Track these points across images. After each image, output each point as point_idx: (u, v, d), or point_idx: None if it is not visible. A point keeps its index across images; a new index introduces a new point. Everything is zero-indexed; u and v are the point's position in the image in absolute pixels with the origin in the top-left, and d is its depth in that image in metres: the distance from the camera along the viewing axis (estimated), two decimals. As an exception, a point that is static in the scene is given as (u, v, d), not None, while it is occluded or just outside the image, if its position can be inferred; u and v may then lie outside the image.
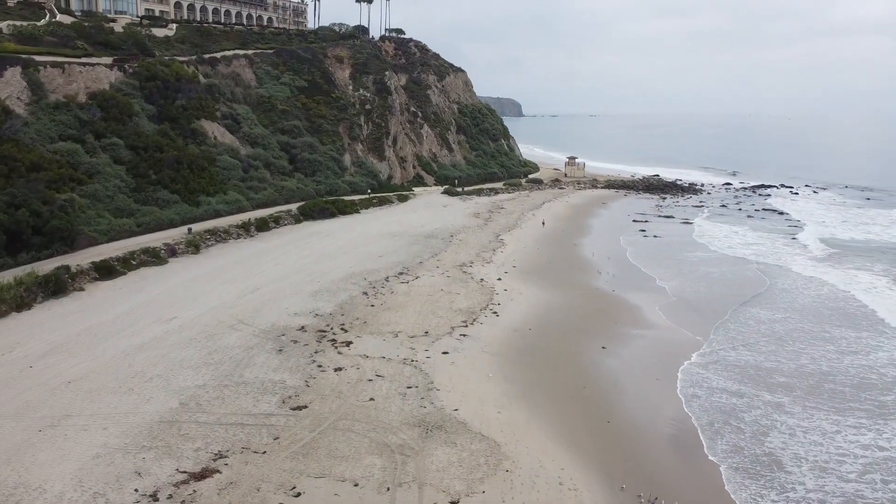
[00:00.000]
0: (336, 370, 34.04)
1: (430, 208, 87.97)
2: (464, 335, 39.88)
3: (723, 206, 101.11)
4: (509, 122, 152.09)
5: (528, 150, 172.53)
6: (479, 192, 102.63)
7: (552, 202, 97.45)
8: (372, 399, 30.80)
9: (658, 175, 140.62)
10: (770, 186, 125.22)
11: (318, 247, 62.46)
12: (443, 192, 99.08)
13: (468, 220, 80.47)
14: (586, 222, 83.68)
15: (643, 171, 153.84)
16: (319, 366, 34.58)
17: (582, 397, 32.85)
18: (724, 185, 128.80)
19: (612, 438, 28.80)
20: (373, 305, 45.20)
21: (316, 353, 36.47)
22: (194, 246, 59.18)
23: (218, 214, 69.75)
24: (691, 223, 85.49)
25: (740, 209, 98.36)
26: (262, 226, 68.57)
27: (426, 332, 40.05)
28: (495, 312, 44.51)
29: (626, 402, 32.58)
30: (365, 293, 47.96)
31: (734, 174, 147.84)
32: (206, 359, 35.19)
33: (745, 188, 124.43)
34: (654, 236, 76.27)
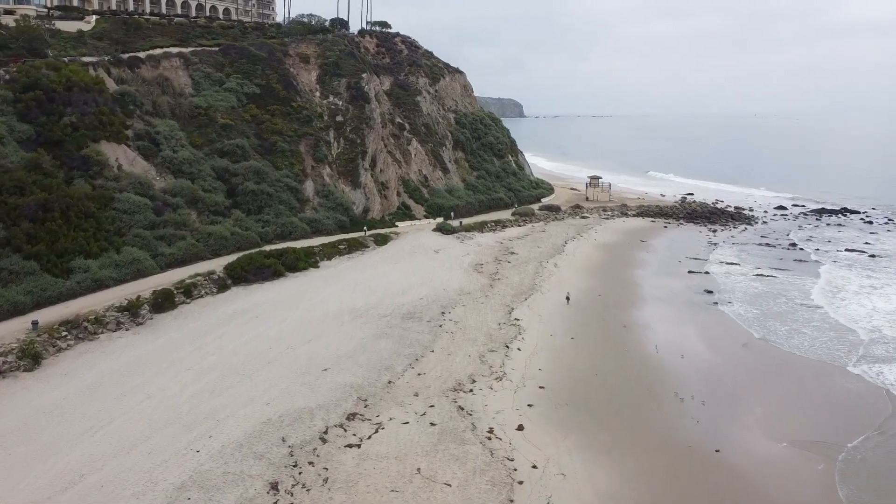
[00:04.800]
0: None
1: (417, 256, 65.85)
2: None
3: (793, 244, 78.72)
4: (511, 124, 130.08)
5: (532, 159, 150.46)
6: (481, 227, 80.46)
7: (576, 241, 75.29)
8: None
9: (692, 194, 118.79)
10: (833, 212, 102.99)
11: (232, 347, 40.20)
12: (435, 230, 76.90)
13: (468, 277, 58.37)
14: (628, 277, 61.54)
15: (671, 187, 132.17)
16: None
17: None
18: (777, 209, 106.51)
19: None
20: (279, 535, 23.12)
21: None
22: (31, 356, 37.04)
23: (102, 286, 47.55)
24: (766, 276, 63.42)
25: (818, 249, 76.16)
26: (164, 302, 46.32)
27: None
28: (521, 554, 22.46)
29: None
30: (272, 487, 25.81)
31: (780, 194, 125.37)
32: None
33: (805, 213, 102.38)
34: (728, 303, 54.43)
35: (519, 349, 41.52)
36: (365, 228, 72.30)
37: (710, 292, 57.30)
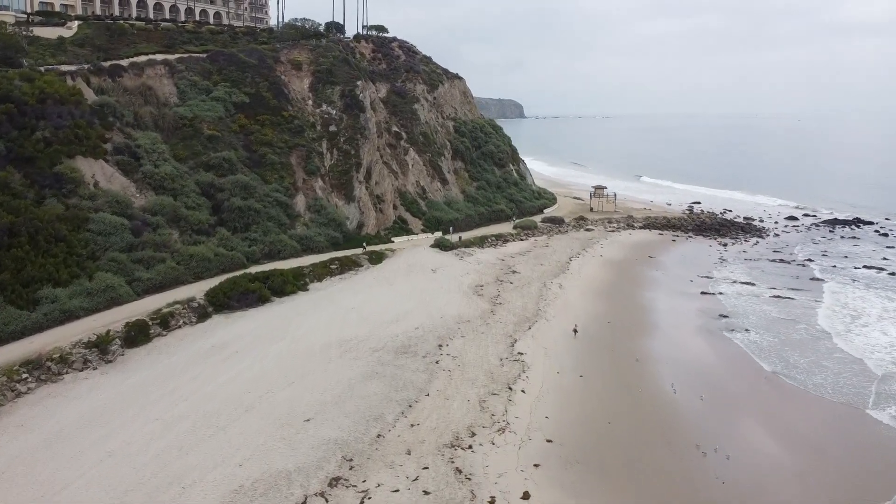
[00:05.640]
0: None
1: (413, 275, 62.30)
2: None
3: (809, 260, 75.26)
4: (511, 125, 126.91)
5: (533, 164, 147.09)
6: (481, 242, 76.89)
7: (581, 257, 71.75)
8: None
9: (699, 203, 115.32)
10: (846, 223, 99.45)
11: (206, 391, 36.56)
12: (433, 245, 73.28)
13: (467, 301, 54.80)
14: (638, 299, 58.00)
15: (677, 195, 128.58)
16: None
17: None
18: (787, 219, 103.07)
19: None
20: None
21: None
22: (-17, 403, 33.60)
23: (71, 317, 43.88)
24: (783, 297, 59.92)
25: (834, 266, 72.66)
26: (137, 336, 42.77)
27: None
28: None
29: None
30: (242, 581, 22.32)
31: (787, 201, 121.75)
32: None
33: (816, 225, 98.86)
34: (745, 330, 50.98)
35: (523, 391, 37.96)
36: (364, 244, 68.94)
37: (724, 317, 53.86)
